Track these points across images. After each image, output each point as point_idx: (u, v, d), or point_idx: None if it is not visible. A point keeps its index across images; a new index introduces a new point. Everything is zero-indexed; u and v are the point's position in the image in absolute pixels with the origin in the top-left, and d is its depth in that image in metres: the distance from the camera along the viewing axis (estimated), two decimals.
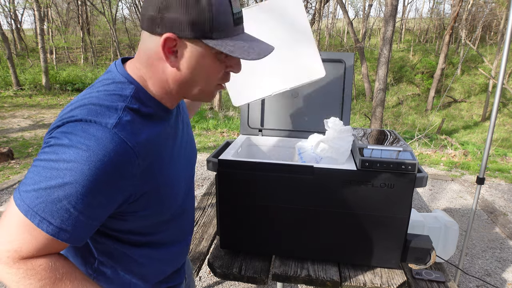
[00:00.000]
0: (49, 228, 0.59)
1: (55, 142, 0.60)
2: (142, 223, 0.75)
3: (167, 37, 0.64)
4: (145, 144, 0.66)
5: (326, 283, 1.19)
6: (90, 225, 0.63)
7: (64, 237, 0.61)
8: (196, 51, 0.66)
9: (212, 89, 0.73)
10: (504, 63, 1.96)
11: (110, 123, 0.61)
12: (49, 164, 0.59)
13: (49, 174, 0.58)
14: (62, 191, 0.58)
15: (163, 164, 0.73)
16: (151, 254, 0.82)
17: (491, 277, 2.62)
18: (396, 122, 13.41)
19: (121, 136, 0.61)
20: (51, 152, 0.59)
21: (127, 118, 0.64)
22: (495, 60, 14.78)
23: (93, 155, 0.58)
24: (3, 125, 7.12)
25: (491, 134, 2.09)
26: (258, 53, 0.67)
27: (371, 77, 16.41)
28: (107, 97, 0.66)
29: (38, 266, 0.61)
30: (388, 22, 6.54)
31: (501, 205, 3.93)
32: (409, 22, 31.06)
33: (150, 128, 0.70)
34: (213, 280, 2.47)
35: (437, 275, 1.34)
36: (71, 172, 0.57)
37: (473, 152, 6.16)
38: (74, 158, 0.58)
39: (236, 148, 1.34)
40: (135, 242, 0.78)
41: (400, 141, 1.27)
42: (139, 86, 0.70)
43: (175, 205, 0.81)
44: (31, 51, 19.42)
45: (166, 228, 0.83)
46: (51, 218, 0.59)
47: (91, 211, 0.61)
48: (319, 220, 1.19)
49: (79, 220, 0.60)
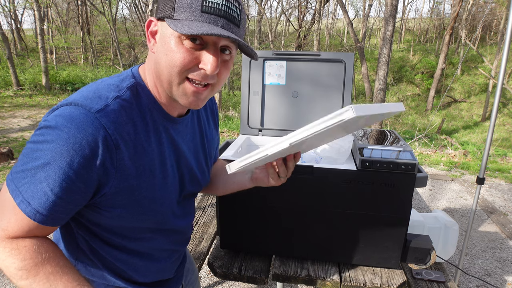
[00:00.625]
0: (27, 209, 0.61)
1: (44, 125, 0.62)
2: (120, 223, 0.74)
3: (149, 19, 0.67)
4: (128, 138, 0.66)
5: (326, 283, 1.19)
6: (66, 209, 0.64)
7: (40, 219, 0.62)
8: (163, 32, 0.66)
9: (179, 81, 0.66)
10: (504, 63, 1.96)
11: (94, 108, 0.62)
12: (36, 145, 0.61)
13: (35, 155, 0.60)
14: (44, 171, 0.59)
15: (145, 166, 0.71)
16: (130, 260, 0.81)
17: (491, 277, 2.62)
18: (396, 122, 13.41)
19: (101, 122, 0.62)
20: (39, 134, 0.61)
21: (114, 107, 0.64)
22: (495, 60, 14.78)
23: (72, 137, 0.59)
24: (3, 125, 7.12)
25: (491, 134, 2.09)
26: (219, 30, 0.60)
27: (371, 77, 16.41)
28: (106, 86, 0.67)
29: (22, 247, 0.63)
30: (388, 22, 6.55)
31: (501, 205, 3.93)
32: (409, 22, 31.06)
33: (139, 125, 0.69)
34: (213, 280, 2.47)
35: (437, 275, 1.34)
36: (51, 152, 0.59)
37: (473, 152, 6.16)
38: (55, 139, 0.59)
39: (236, 148, 1.34)
40: (115, 244, 0.77)
41: (400, 141, 1.27)
42: (140, 82, 0.71)
43: (157, 218, 0.78)
44: (31, 51, 19.41)
45: (148, 239, 0.81)
46: (31, 199, 0.61)
47: (67, 194, 0.62)
48: (319, 220, 1.19)
49: (55, 203, 0.62)
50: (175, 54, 0.64)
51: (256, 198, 1.20)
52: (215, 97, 8.34)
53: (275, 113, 1.61)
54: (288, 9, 18.25)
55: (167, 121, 0.75)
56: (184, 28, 0.60)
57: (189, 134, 0.84)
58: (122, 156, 0.66)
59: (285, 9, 17.81)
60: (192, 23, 0.61)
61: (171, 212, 0.82)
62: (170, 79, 0.66)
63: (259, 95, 1.60)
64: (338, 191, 1.14)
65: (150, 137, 0.71)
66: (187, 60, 0.64)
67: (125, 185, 0.68)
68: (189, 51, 0.64)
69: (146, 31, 0.68)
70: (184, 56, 0.64)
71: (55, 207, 0.62)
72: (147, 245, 0.82)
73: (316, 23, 15.11)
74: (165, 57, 0.65)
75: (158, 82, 0.70)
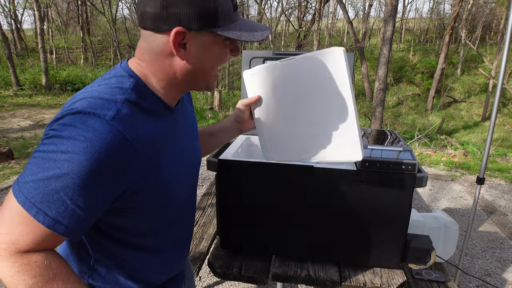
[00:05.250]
0: (45, 220, 0.59)
1: (54, 134, 0.60)
2: (138, 222, 0.75)
3: (177, 31, 0.65)
4: (144, 139, 0.66)
5: (326, 283, 1.19)
6: (86, 219, 0.63)
7: (60, 230, 0.60)
8: (205, 41, 0.68)
9: (217, 73, 0.75)
10: (504, 63, 1.96)
11: (109, 115, 0.61)
12: (48, 155, 0.59)
13: (47, 165, 0.58)
14: (59, 182, 0.58)
15: (161, 162, 0.72)
16: (147, 258, 0.81)
17: (491, 277, 2.62)
18: (396, 122, 13.41)
19: (119, 129, 0.61)
20: (50, 144, 0.59)
21: (126, 111, 0.64)
22: (495, 60, 14.79)
23: (91, 146, 0.58)
24: (3, 125, 7.12)
25: (491, 134, 2.09)
26: (261, 35, 0.70)
27: (371, 77, 16.41)
28: (108, 90, 0.66)
29: (33, 263, 0.61)
30: (388, 22, 6.55)
31: (501, 205, 3.93)
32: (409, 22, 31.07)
33: (149, 123, 0.69)
34: (213, 280, 2.47)
35: (437, 275, 1.34)
36: (68, 163, 0.57)
37: (473, 152, 6.16)
38: (71, 149, 0.58)
39: (236, 148, 1.34)
40: (130, 243, 0.77)
41: (400, 141, 1.27)
42: (140, 80, 0.70)
43: (173, 208, 0.80)
44: (31, 51, 19.42)
45: (163, 233, 0.82)
46: (47, 210, 0.59)
47: (87, 204, 0.61)
48: (319, 220, 1.19)
49: (75, 213, 0.60)
50: (220, 57, 0.71)
51: (256, 198, 1.20)
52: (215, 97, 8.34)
53: None
54: (288, 9, 18.26)
55: (169, 112, 0.76)
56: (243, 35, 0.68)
57: (184, 118, 0.86)
58: (143, 157, 0.66)
59: (285, 9, 17.81)
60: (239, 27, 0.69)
61: (185, 198, 0.85)
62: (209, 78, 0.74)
63: None
64: (338, 191, 1.14)
65: (159, 131, 0.72)
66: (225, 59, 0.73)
67: (147, 185, 0.69)
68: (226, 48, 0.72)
69: (173, 43, 0.66)
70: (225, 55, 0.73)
71: (74, 216, 0.61)
72: (161, 239, 0.83)
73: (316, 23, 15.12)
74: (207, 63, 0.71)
75: (184, 82, 0.73)
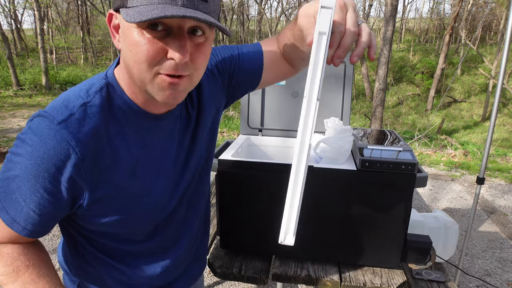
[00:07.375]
0: (5, 218, 0.62)
1: (18, 136, 0.62)
2: (113, 230, 0.71)
3: (109, 12, 0.60)
4: (95, 147, 0.60)
5: (326, 283, 1.19)
6: (42, 221, 0.63)
7: (17, 229, 0.63)
8: (123, 25, 0.58)
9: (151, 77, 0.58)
10: (504, 63, 1.96)
11: (57, 119, 0.58)
12: (10, 156, 0.61)
13: (8, 166, 0.61)
14: (15, 183, 0.60)
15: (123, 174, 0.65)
16: (133, 263, 0.78)
17: (491, 277, 2.62)
18: (396, 122, 13.41)
19: (64, 135, 0.57)
20: (14, 145, 0.62)
21: (79, 116, 0.59)
22: (495, 60, 14.78)
23: (35, 151, 0.57)
24: (3, 125, 7.12)
25: (491, 134, 2.09)
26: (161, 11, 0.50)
27: (371, 77, 16.41)
28: (76, 93, 0.62)
29: (5, 254, 0.65)
30: (388, 22, 6.55)
31: (501, 205, 3.93)
32: (409, 22, 31.06)
33: (113, 131, 0.63)
34: (213, 280, 2.47)
35: (437, 275, 1.34)
36: (19, 165, 0.59)
37: (473, 152, 6.16)
38: (22, 152, 0.59)
39: (236, 148, 1.34)
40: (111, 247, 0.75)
41: (400, 141, 1.27)
42: (112, 82, 0.65)
43: (150, 217, 0.74)
44: (31, 51, 19.42)
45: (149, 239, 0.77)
46: (8, 208, 0.61)
47: (39, 207, 0.61)
48: (319, 220, 1.18)
49: (29, 215, 0.62)
50: (138, 47, 0.55)
51: (256, 198, 1.20)
52: None
53: (275, 113, 1.61)
54: (288, 9, 18.26)
55: (149, 120, 0.67)
56: (135, 16, 0.51)
57: (180, 124, 0.75)
58: (92, 167, 0.61)
59: (285, 9, 17.82)
60: (145, 8, 0.52)
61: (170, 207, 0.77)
62: (141, 77, 0.58)
63: (259, 95, 1.60)
64: (338, 191, 1.14)
65: (127, 140, 0.65)
66: (152, 52, 0.55)
67: (102, 195, 0.64)
68: (152, 42, 0.55)
69: (109, 26, 0.60)
70: (148, 49, 0.55)
71: (29, 218, 0.62)
72: (148, 245, 0.78)
73: None
74: (130, 54, 0.57)
75: (131, 81, 0.63)
